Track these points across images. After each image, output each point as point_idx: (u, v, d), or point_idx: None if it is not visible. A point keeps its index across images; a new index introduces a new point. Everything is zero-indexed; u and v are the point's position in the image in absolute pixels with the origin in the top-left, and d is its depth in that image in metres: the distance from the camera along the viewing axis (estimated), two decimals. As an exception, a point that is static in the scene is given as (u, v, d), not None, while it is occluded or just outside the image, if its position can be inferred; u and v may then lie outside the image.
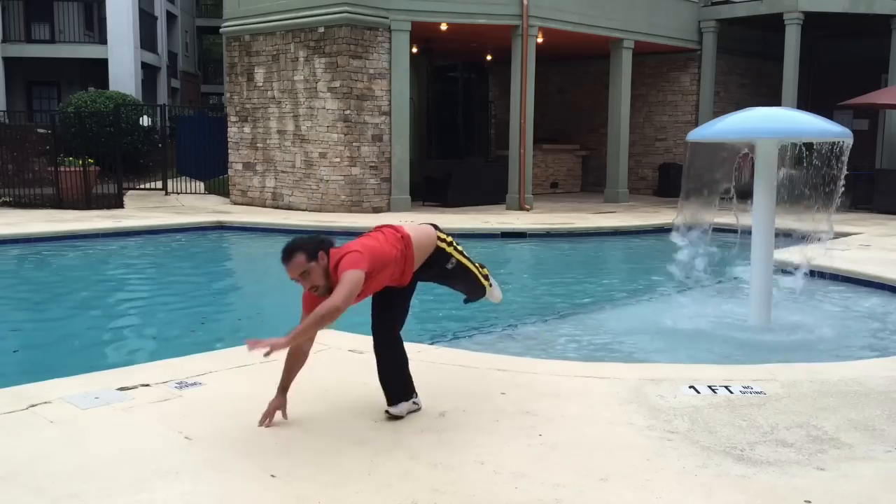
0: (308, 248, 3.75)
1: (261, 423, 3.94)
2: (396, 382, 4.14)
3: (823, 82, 18.94)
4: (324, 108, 14.68)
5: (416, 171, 16.25)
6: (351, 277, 3.68)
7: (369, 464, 3.57)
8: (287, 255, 3.75)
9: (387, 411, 4.10)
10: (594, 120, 19.94)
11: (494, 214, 14.59)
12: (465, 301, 4.80)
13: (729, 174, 7.21)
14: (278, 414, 4.02)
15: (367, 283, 3.81)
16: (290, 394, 4.53)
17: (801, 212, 7.82)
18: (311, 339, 4.01)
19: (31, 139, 16.74)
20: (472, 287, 4.53)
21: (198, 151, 19.59)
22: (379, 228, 4.19)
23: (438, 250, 4.22)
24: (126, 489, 3.27)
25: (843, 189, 6.86)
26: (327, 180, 14.74)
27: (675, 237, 7.45)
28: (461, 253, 4.34)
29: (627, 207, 16.44)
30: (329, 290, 3.77)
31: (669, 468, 3.57)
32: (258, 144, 16.00)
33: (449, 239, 4.28)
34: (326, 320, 3.64)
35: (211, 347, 5.65)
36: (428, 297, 8.96)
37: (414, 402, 4.18)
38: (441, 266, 4.25)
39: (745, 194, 7.12)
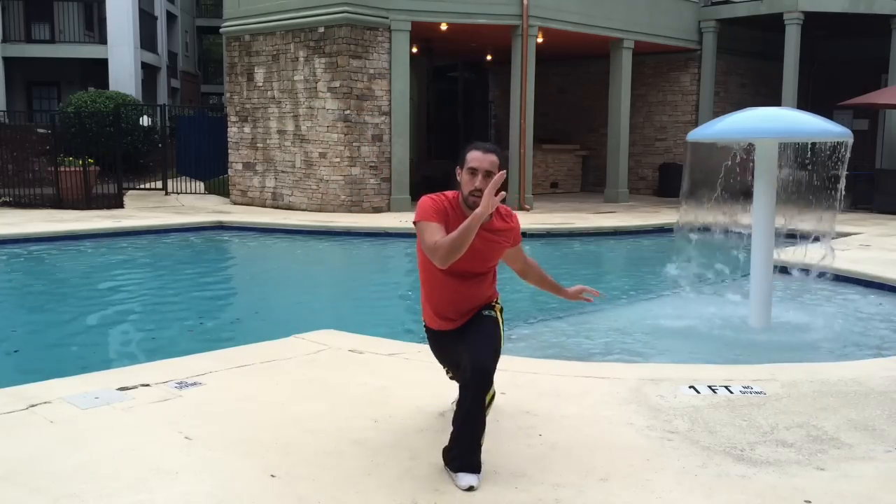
0: (502, 157, 3.55)
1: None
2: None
3: (823, 82, 18.94)
4: (324, 108, 14.68)
5: (416, 171, 16.26)
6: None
7: (369, 464, 3.57)
8: (493, 149, 3.52)
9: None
10: (594, 120, 19.95)
11: (494, 214, 14.56)
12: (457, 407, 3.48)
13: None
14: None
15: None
16: (288, 394, 4.54)
17: (803, 212, 7.82)
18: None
19: (31, 139, 16.74)
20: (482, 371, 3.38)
21: (198, 151, 19.59)
22: None
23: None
24: (126, 489, 3.27)
25: (843, 189, 6.86)
26: (327, 180, 14.75)
27: (677, 238, 7.45)
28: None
29: (627, 207, 16.44)
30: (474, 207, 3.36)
31: (669, 468, 3.57)
32: (258, 144, 16.00)
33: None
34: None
35: (210, 347, 5.65)
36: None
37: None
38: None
39: (744, 194, 7.12)
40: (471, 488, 3.31)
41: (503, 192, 3.33)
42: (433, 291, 3.71)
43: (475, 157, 3.46)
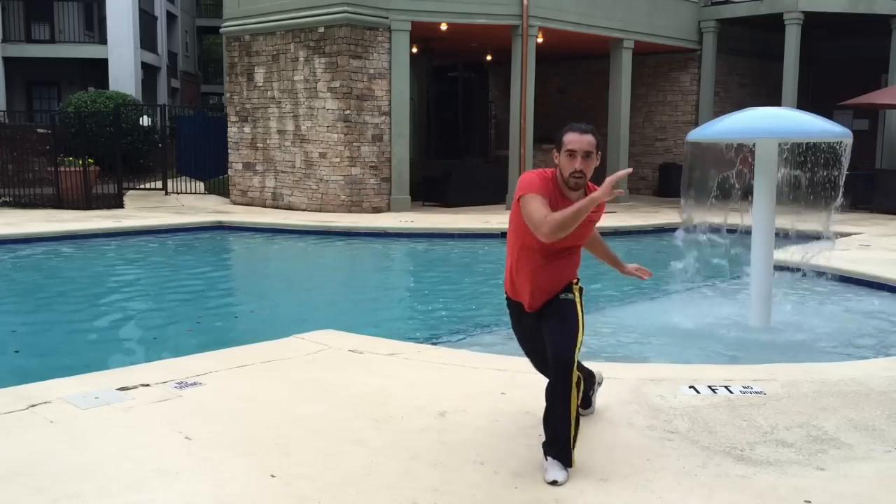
0: (599, 137, 3.56)
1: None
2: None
3: (823, 82, 18.94)
4: (324, 108, 14.68)
5: (416, 171, 16.26)
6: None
7: (369, 464, 3.57)
8: (589, 129, 3.52)
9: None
10: (594, 120, 19.81)
11: (494, 214, 14.58)
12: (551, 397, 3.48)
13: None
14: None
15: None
16: (288, 394, 4.54)
17: (803, 212, 7.83)
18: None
19: (31, 139, 16.74)
20: (567, 351, 3.45)
21: (198, 151, 19.59)
22: None
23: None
24: (126, 489, 3.27)
25: (842, 189, 6.86)
26: (327, 180, 14.75)
27: (677, 236, 7.44)
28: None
29: (627, 207, 16.44)
30: (578, 189, 3.53)
31: (669, 468, 3.57)
32: (258, 144, 16.00)
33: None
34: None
35: (210, 347, 5.65)
36: (427, 297, 8.97)
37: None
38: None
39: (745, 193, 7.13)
40: (554, 482, 3.34)
41: (621, 191, 3.46)
42: (518, 262, 3.66)
43: (573, 140, 3.47)
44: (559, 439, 3.44)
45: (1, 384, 4.59)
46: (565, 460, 3.42)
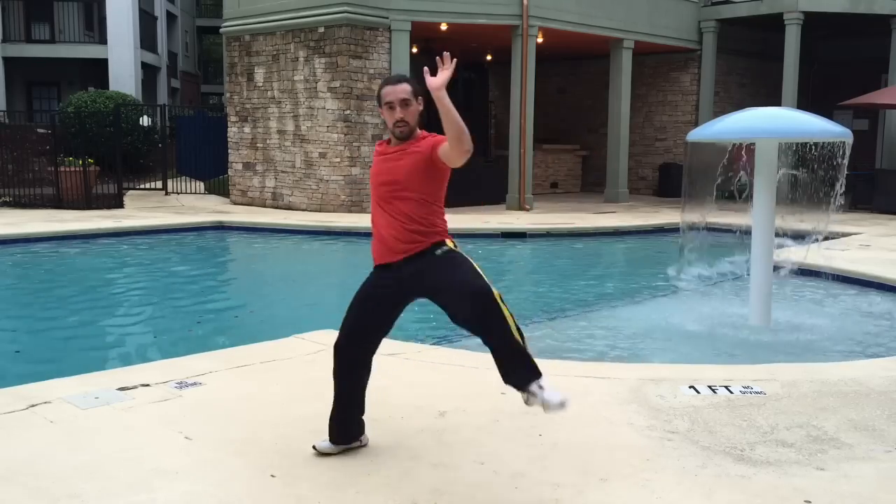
0: (415, 85, 3.58)
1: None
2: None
3: (823, 82, 18.94)
4: (324, 108, 14.68)
5: (416, 171, 16.25)
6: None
7: (369, 464, 3.57)
8: (398, 79, 3.59)
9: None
10: (594, 120, 19.95)
11: (494, 214, 14.58)
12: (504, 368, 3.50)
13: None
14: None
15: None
16: (288, 394, 4.54)
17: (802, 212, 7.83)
18: None
19: (31, 139, 16.74)
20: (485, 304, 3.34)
21: (198, 151, 19.59)
22: None
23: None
24: (126, 489, 3.27)
25: (843, 189, 6.86)
26: (327, 180, 14.75)
27: (681, 241, 7.44)
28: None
29: (627, 207, 16.44)
30: (407, 138, 3.57)
31: (669, 468, 3.57)
32: (258, 144, 16.00)
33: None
34: (464, 135, 3.48)
35: (210, 347, 5.65)
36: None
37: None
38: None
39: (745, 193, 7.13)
40: (562, 404, 3.32)
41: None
42: (374, 216, 3.73)
43: (388, 92, 3.53)
44: (526, 363, 3.40)
45: (1, 384, 4.59)
46: (536, 373, 3.37)
